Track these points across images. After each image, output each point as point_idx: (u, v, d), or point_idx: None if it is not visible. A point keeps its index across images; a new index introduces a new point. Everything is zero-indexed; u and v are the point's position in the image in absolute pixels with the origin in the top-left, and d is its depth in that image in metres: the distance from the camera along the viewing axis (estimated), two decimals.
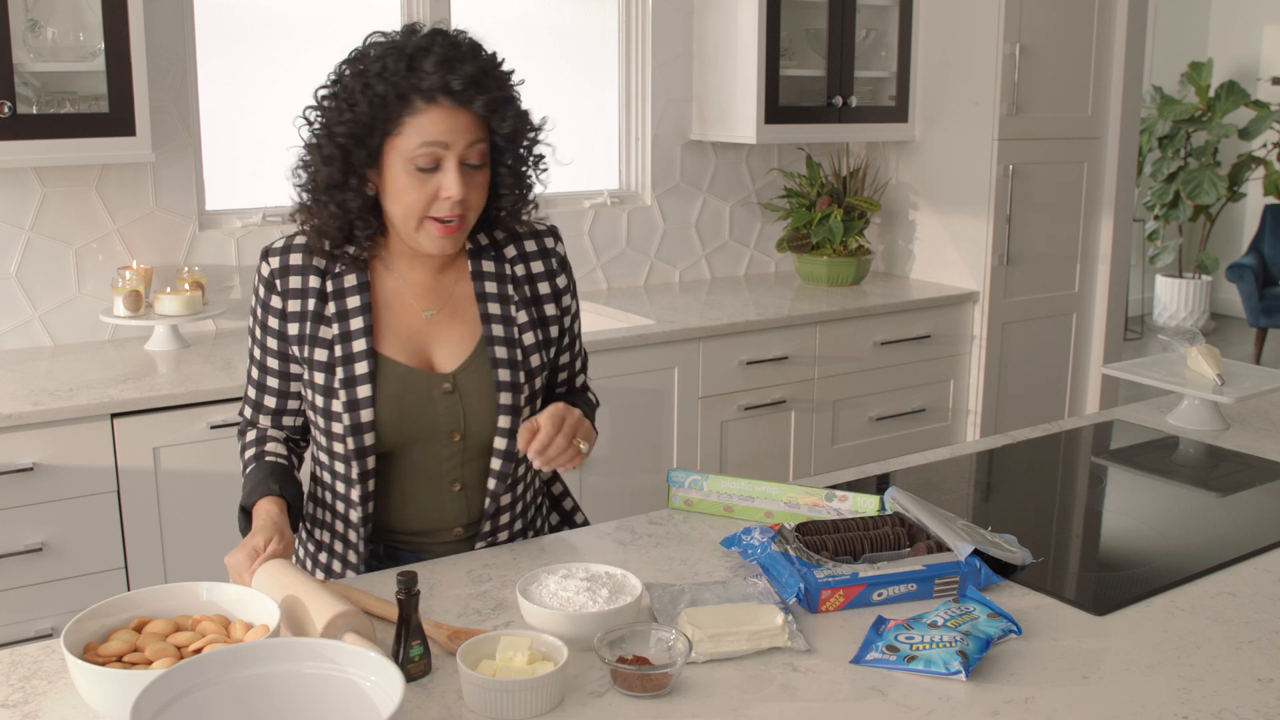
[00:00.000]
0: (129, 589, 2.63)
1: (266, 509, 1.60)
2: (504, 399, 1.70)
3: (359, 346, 1.67)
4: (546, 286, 1.79)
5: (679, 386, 3.39)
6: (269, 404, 1.75)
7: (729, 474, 2.56)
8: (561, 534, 1.83)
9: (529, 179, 1.71)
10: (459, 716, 1.26)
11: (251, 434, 1.76)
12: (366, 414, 1.66)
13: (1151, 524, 1.89)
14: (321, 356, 1.68)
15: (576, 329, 1.86)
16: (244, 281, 3.27)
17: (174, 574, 2.67)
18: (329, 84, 1.62)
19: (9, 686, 1.33)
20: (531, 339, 1.75)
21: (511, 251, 1.77)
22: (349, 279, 1.69)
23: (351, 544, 1.74)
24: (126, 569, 2.64)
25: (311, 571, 1.79)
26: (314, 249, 1.67)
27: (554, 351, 1.80)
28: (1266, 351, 7.31)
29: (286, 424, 1.77)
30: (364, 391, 1.66)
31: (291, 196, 1.69)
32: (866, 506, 1.79)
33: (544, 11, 3.80)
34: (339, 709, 1.17)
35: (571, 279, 1.83)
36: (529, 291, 1.77)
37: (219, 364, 2.87)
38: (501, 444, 1.72)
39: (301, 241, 1.69)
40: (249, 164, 3.30)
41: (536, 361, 1.75)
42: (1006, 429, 3.30)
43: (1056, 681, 1.35)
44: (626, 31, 3.93)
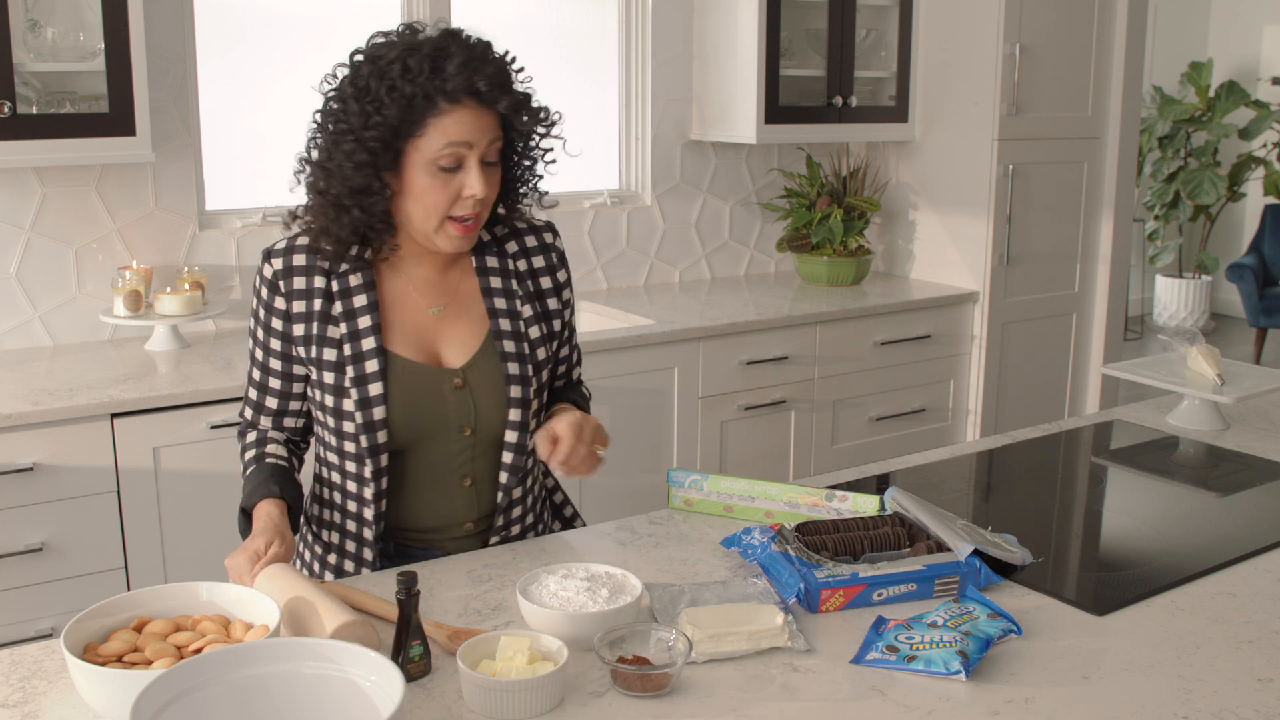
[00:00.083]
0: (129, 589, 2.63)
1: (267, 511, 1.60)
2: (514, 392, 1.72)
3: (368, 344, 1.67)
4: (548, 281, 1.80)
5: (679, 386, 3.39)
6: (270, 405, 1.75)
7: (729, 474, 2.56)
8: (561, 534, 1.83)
9: (539, 173, 1.74)
10: (459, 716, 1.26)
11: (252, 435, 1.76)
12: (379, 411, 1.66)
13: (1151, 524, 1.89)
14: (330, 356, 1.68)
15: (574, 323, 1.88)
16: (244, 281, 3.27)
17: (174, 574, 2.67)
18: (347, 87, 1.59)
19: (9, 686, 1.33)
20: (537, 332, 1.76)
21: (513, 247, 1.79)
22: (354, 278, 1.69)
23: (365, 542, 1.74)
24: (126, 569, 2.64)
25: (320, 574, 1.79)
26: (322, 252, 1.66)
27: (556, 345, 1.81)
28: (1266, 351, 7.31)
29: (287, 425, 1.77)
30: (375, 389, 1.66)
31: (298, 201, 1.68)
32: (866, 506, 1.79)
33: (544, 11, 3.80)
34: (339, 709, 1.17)
35: (569, 273, 1.85)
36: (532, 286, 1.79)
37: (219, 364, 2.87)
38: (512, 437, 1.73)
39: (304, 242, 1.69)
40: (249, 164, 3.30)
41: (543, 355, 1.76)
42: (1006, 429, 3.30)
43: (1056, 681, 1.35)
44: (626, 31, 3.93)
